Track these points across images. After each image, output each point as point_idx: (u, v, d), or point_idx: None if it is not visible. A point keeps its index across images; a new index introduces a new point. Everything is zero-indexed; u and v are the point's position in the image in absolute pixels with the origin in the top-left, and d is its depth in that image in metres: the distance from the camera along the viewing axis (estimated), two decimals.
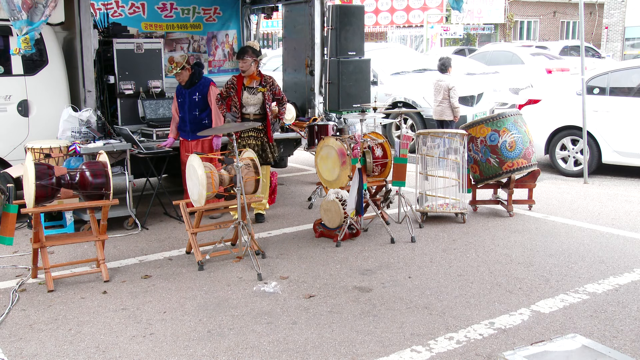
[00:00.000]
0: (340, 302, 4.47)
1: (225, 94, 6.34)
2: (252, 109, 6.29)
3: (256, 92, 6.24)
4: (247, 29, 9.53)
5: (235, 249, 5.48)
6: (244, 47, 6.35)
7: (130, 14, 8.35)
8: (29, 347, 3.84)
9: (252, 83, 6.26)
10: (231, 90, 6.30)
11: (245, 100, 6.26)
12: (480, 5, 31.39)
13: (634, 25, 27.97)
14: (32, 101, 6.57)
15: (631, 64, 9.25)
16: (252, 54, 6.20)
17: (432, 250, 5.64)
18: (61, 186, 4.76)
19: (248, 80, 6.25)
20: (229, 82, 6.36)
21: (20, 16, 5.26)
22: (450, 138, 6.52)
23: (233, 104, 6.30)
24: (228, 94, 6.34)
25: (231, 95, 6.31)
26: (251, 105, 6.27)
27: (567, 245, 5.74)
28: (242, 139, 6.31)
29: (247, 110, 6.29)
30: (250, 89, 6.25)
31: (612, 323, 4.10)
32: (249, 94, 6.25)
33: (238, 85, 6.27)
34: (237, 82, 6.28)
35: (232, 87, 6.30)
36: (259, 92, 6.25)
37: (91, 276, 5.02)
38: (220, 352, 3.76)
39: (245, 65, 6.17)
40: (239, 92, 6.27)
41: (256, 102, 6.27)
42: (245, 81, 6.26)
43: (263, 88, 6.26)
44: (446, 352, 3.74)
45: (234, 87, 6.29)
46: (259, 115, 6.31)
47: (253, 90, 6.24)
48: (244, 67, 6.19)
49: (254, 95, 6.24)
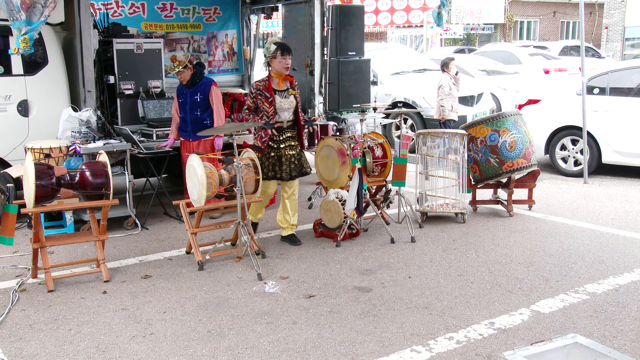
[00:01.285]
0: (340, 302, 4.47)
1: (253, 104, 5.59)
2: (287, 115, 5.62)
3: (288, 96, 5.60)
4: (247, 29, 9.53)
5: (235, 249, 5.48)
6: (284, 43, 5.67)
7: (130, 14, 8.34)
8: (29, 347, 3.84)
9: (283, 85, 5.61)
10: (259, 98, 5.54)
11: (279, 105, 5.53)
12: (480, 5, 31.39)
13: (634, 25, 27.97)
14: (32, 101, 6.57)
15: (631, 64, 9.25)
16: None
17: (432, 250, 5.64)
18: (61, 186, 4.76)
19: (279, 83, 5.59)
20: (254, 91, 5.56)
21: (19, 16, 5.27)
22: (450, 138, 6.52)
23: (263, 112, 5.54)
24: (256, 103, 5.57)
25: (258, 104, 5.57)
26: (285, 111, 5.59)
27: (567, 245, 5.75)
28: (277, 149, 5.62)
29: (282, 117, 5.60)
30: (281, 93, 5.57)
31: (612, 323, 4.10)
32: (281, 97, 5.56)
33: (269, 89, 5.53)
34: (267, 86, 5.54)
35: (259, 95, 5.53)
36: (291, 95, 5.63)
37: (91, 276, 5.02)
38: (220, 352, 3.76)
39: (289, 65, 5.56)
40: (272, 96, 5.52)
41: (289, 106, 5.61)
42: (275, 84, 5.59)
43: (294, 91, 5.66)
44: (446, 352, 3.75)
45: (263, 93, 5.52)
46: (292, 122, 5.70)
47: (284, 94, 5.59)
48: (289, 65, 5.56)
49: (286, 99, 5.58)
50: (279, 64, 5.48)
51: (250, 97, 5.59)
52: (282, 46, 5.50)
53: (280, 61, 5.47)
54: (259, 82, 5.60)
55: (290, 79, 5.63)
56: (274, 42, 5.51)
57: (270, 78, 5.58)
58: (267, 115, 5.50)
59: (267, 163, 5.63)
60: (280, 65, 5.49)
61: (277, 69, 5.51)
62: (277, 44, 5.49)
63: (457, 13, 30.19)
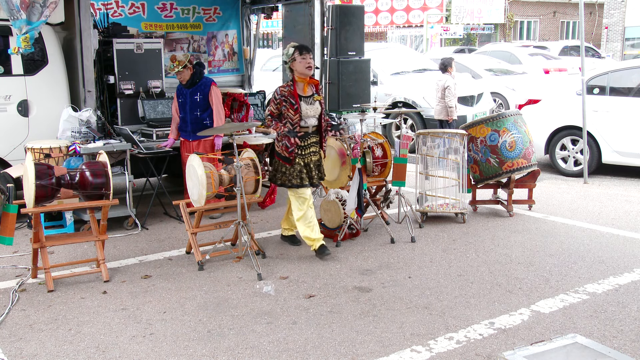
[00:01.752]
0: (340, 302, 4.47)
1: (277, 111, 5.32)
2: (312, 121, 5.36)
3: (313, 102, 5.33)
4: (247, 29, 9.53)
5: (235, 249, 5.48)
6: (301, 44, 5.42)
7: (130, 14, 8.34)
8: (29, 347, 3.84)
9: (309, 91, 5.34)
10: (283, 104, 5.27)
11: (305, 112, 5.27)
12: (480, 5, 31.40)
13: (634, 25, 27.97)
14: (32, 101, 6.57)
15: (631, 64, 9.25)
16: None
17: (432, 250, 5.64)
18: (61, 186, 4.76)
19: (305, 88, 5.32)
20: (278, 97, 5.28)
21: (19, 15, 5.27)
22: (450, 138, 6.52)
23: (287, 119, 5.27)
24: (280, 110, 5.31)
25: (282, 110, 5.30)
26: (310, 117, 5.33)
27: (567, 245, 5.75)
28: (302, 156, 5.37)
29: (307, 123, 5.34)
30: (306, 99, 5.30)
31: (612, 323, 4.10)
32: (307, 104, 5.29)
33: (295, 95, 5.26)
34: (292, 92, 5.27)
35: (284, 100, 5.26)
36: (316, 101, 5.36)
37: (91, 276, 5.02)
38: (220, 352, 3.77)
39: (311, 64, 5.28)
40: (297, 103, 5.24)
41: (314, 113, 5.35)
42: (300, 89, 5.32)
43: (319, 96, 5.39)
44: (446, 352, 3.75)
45: (288, 99, 5.24)
46: (315, 127, 5.45)
47: (310, 100, 5.32)
48: (311, 63, 5.27)
49: (312, 106, 5.32)
50: (300, 64, 5.23)
51: (273, 103, 5.30)
52: (299, 46, 5.28)
53: (300, 61, 5.22)
54: (283, 87, 5.32)
55: (315, 82, 5.40)
56: (292, 46, 5.30)
57: (295, 83, 5.31)
58: (292, 123, 5.25)
59: (293, 171, 5.35)
60: (301, 65, 5.23)
61: (300, 71, 5.25)
62: (295, 46, 5.28)
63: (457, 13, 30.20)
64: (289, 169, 5.36)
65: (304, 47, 5.32)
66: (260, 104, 8.43)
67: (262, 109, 8.41)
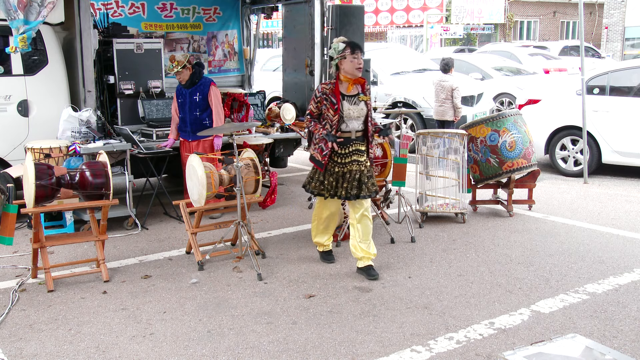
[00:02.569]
0: (340, 302, 4.47)
1: (317, 110, 4.85)
2: (355, 124, 4.82)
3: (358, 102, 4.81)
4: (247, 29, 9.53)
5: (235, 249, 5.48)
6: (352, 40, 4.91)
7: (130, 14, 8.35)
8: (29, 347, 3.84)
9: (353, 90, 4.84)
10: (324, 104, 4.79)
11: (346, 113, 4.75)
12: (480, 5, 31.41)
13: (634, 25, 27.98)
14: (32, 101, 6.56)
15: (631, 64, 9.25)
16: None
17: (432, 250, 5.64)
18: (61, 186, 4.76)
19: (349, 87, 4.82)
20: (319, 94, 4.80)
21: (16, 15, 5.28)
22: (450, 138, 6.52)
23: (327, 120, 4.79)
24: (320, 109, 4.84)
25: (323, 110, 4.82)
26: (354, 120, 4.79)
27: (567, 245, 5.75)
28: (341, 165, 4.85)
29: (349, 127, 4.80)
30: (350, 98, 4.80)
31: (612, 323, 4.10)
32: (350, 104, 4.78)
33: (336, 94, 4.77)
34: (334, 90, 4.78)
35: (325, 99, 4.78)
36: (361, 101, 4.83)
37: (91, 276, 5.02)
38: (220, 352, 3.77)
39: (362, 64, 4.81)
40: (338, 102, 4.75)
41: (359, 114, 4.80)
42: (344, 88, 4.82)
43: (365, 96, 4.86)
44: (446, 352, 3.75)
45: (329, 98, 4.76)
46: (361, 132, 4.89)
47: (354, 100, 4.80)
48: (362, 65, 4.81)
49: (355, 106, 4.79)
50: (350, 64, 4.72)
51: (313, 101, 4.83)
52: (351, 44, 4.76)
53: (351, 61, 4.72)
54: (325, 84, 4.82)
55: (361, 81, 4.87)
56: (342, 41, 4.80)
57: (339, 81, 4.81)
58: (331, 124, 4.75)
59: (329, 179, 4.87)
60: (351, 65, 4.73)
61: (348, 70, 4.75)
62: (345, 42, 4.78)
63: (457, 13, 30.21)
64: (323, 175, 4.88)
65: (356, 45, 4.78)
66: (260, 104, 8.43)
67: (262, 109, 8.41)
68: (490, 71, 14.51)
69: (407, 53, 14.30)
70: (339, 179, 4.86)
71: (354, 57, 4.72)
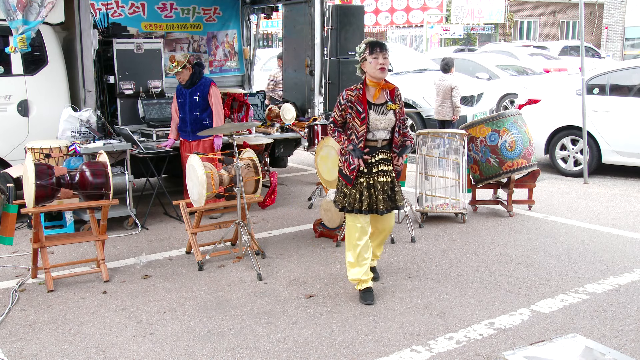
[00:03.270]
0: (340, 302, 4.47)
1: (341, 119, 4.42)
2: (382, 134, 4.38)
3: (386, 112, 4.34)
4: (247, 29, 9.54)
5: (235, 249, 5.48)
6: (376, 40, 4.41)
7: (130, 14, 8.35)
8: (29, 347, 3.84)
9: (381, 97, 4.37)
10: (349, 112, 4.35)
11: (373, 124, 4.31)
12: (480, 5, 31.41)
13: (634, 25, 27.98)
14: (32, 101, 6.56)
15: (631, 64, 9.25)
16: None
17: (432, 250, 5.64)
18: (61, 186, 4.76)
19: (376, 94, 4.35)
20: (343, 101, 4.34)
21: (15, 16, 5.28)
22: (450, 138, 6.52)
23: (353, 130, 4.36)
24: (345, 117, 4.40)
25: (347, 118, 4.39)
26: (380, 130, 4.36)
27: (567, 245, 5.75)
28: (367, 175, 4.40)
29: (376, 136, 4.37)
30: (377, 107, 4.33)
31: (612, 323, 4.10)
32: (377, 114, 4.32)
33: (362, 101, 4.31)
34: (360, 97, 4.33)
35: (350, 107, 4.34)
36: (390, 110, 4.36)
37: (91, 276, 5.02)
38: (220, 352, 3.77)
39: (387, 62, 4.34)
40: (365, 111, 4.31)
41: (386, 125, 4.36)
42: (371, 95, 4.35)
43: (395, 105, 4.38)
44: (446, 352, 3.75)
45: (355, 106, 4.31)
46: (387, 141, 4.45)
47: (381, 109, 4.33)
48: (386, 64, 4.32)
49: (383, 116, 4.33)
50: (370, 65, 4.28)
51: (337, 109, 4.39)
52: (371, 43, 4.30)
53: (371, 61, 4.27)
54: (350, 90, 4.36)
55: (390, 87, 4.41)
56: (364, 42, 4.38)
57: (366, 87, 4.36)
58: (357, 135, 4.32)
59: (354, 191, 4.42)
60: (372, 66, 4.28)
61: (371, 73, 4.31)
62: (366, 42, 4.35)
63: (457, 13, 30.21)
64: (350, 190, 4.44)
65: (377, 43, 4.30)
66: (260, 104, 8.44)
67: (262, 109, 8.41)
68: (497, 71, 14.26)
69: (407, 53, 14.29)
70: (363, 190, 4.39)
71: (374, 57, 4.26)
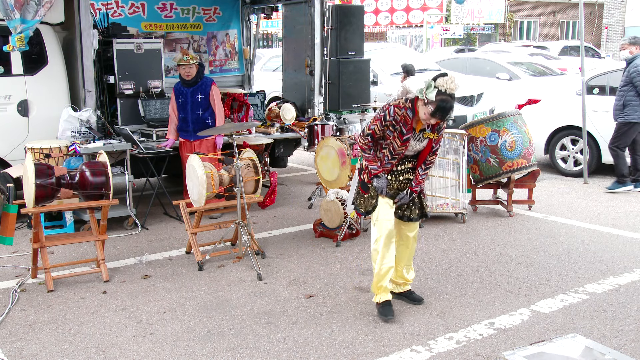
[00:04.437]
0: (340, 302, 4.47)
1: (380, 133, 4.14)
2: (410, 152, 4.24)
3: (422, 139, 4.17)
4: (247, 29, 9.53)
5: (235, 249, 5.48)
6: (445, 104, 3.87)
7: (130, 14, 8.34)
8: (29, 347, 3.84)
9: (423, 124, 4.14)
10: (390, 129, 4.10)
11: (410, 147, 4.17)
12: (480, 5, 31.41)
13: (634, 26, 27.95)
14: (32, 101, 6.56)
15: None
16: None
17: (432, 250, 5.64)
18: (61, 186, 4.76)
19: (420, 124, 4.11)
20: (389, 118, 4.06)
21: (13, 15, 5.28)
22: (450, 138, 6.52)
23: (389, 147, 4.16)
24: (384, 133, 4.14)
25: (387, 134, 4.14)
26: (412, 151, 4.23)
27: (567, 245, 5.74)
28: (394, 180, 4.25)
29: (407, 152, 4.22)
30: (416, 134, 4.15)
31: (612, 323, 4.10)
32: (415, 139, 4.15)
33: (408, 123, 4.06)
34: (408, 119, 4.04)
35: (393, 126, 4.07)
36: (426, 137, 4.17)
37: (91, 276, 5.02)
38: (220, 352, 3.77)
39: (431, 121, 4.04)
40: (410, 132, 4.09)
41: (419, 148, 4.22)
42: (415, 121, 4.10)
43: (432, 134, 4.15)
44: (446, 352, 3.75)
45: (399, 126, 4.05)
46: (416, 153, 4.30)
47: (420, 136, 4.15)
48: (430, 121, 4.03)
49: (419, 142, 4.18)
50: (423, 111, 3.96)
51: (380, 122, 4.09)
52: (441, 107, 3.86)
53: (427, 110, 3.93)
54: (397, 108, 4.03)
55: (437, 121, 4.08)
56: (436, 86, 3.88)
57: (417, 109, 4.03)
58: (392, 153, 4.15)
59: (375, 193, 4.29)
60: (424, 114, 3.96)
61: (420, 115, 4.01)
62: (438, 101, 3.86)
63: (457, 13, 30.21)
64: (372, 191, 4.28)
65: (446, 110, 3.88)
66: (260, 104, 8.44)
67: (262, 109, 8.42)
68: (518, 71, 13.26)
69: (407, 53, 14.28)
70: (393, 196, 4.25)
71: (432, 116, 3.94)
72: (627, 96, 7.53)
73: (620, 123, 7.66)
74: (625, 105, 7.56)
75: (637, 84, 7.43)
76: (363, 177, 4.33)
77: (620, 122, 7.66)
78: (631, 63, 7.56)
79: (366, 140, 4.18)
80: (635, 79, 7.43)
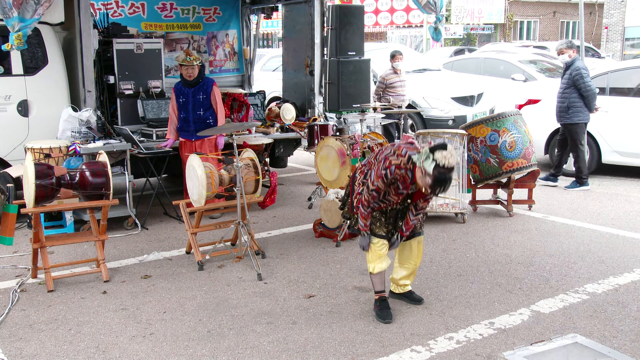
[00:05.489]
0: (340, 302, 4.47)
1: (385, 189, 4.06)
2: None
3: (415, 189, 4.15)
4: (247, 29, 9.54)
5: (235, 249, 5.48)
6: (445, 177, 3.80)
7: (130, 14, 8.35)
8: (29, 347, 3.84)
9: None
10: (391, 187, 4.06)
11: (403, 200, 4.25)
12: (480, 5, 31.41)
13: (634, 25, 27.98)
14: (32, 101, 6.56)
15: (631, 64, 9.25)
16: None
17: (432, 250, 5.64)
18: (61, 186, 4.76)
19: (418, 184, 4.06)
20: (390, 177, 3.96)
21: (11, 13, 5.27)
22: (450, 138, 6.52)
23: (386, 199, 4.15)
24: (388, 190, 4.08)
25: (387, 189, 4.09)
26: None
27: (567, 245, 5.74)
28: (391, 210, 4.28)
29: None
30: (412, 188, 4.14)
31: (612, 323, 4.10)
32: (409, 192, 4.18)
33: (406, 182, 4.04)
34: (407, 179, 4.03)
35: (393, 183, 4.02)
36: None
37: (91, 276, 5.02)
38: (220, 352, 3.77)
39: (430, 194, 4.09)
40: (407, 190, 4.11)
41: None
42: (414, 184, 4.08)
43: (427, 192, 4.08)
44: (446, 352, 3.75)
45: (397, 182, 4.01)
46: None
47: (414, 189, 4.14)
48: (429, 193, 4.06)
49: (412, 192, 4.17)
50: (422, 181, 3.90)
51: (382, 180, 3.98)
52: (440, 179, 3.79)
53: (422, 182, 3.89)
54: (398, 168, 3.93)
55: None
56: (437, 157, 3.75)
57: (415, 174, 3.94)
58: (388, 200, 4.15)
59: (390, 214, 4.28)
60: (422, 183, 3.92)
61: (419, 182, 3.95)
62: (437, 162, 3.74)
63: (457, 13, 30.21)
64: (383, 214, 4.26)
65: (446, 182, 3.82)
66: (260, 104, 8.44)
67: (262, 109, 8.41)
68: (534, 72, 12.93)
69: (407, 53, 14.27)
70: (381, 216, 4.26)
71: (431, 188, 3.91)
72: (571, 98, 7.74)
73: (568, 125, 7.84)
74: (570, 107, 7.76)
75: (580, 86, 7.65)
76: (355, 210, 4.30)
77: (566, 124, 7.87)
78: (571, 66, 7.77)
79: (371, 195, 4.07)
80: (578, 81, 7.65)
